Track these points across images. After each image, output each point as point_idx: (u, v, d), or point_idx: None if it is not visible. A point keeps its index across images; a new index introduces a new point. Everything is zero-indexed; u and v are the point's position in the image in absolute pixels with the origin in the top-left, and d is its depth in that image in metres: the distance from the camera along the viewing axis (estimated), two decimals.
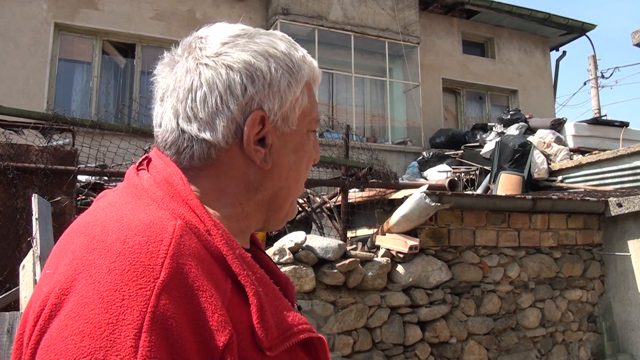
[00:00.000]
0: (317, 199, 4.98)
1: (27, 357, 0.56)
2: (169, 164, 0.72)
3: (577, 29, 11.15)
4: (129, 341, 0.52)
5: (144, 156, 0.78)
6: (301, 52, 0.78)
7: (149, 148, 4.15)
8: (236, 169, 0.73)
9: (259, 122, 0.72)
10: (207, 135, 0.70)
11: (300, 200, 5.07)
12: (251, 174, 0.74)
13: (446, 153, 8.17)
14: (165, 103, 0.72)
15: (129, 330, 0.52)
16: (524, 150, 6.71)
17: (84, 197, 4.08)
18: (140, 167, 0.74)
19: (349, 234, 4.39)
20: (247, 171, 0.73)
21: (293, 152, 0.77)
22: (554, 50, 11.90)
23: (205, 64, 0.70)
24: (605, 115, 12.48)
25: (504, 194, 5.63)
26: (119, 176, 3.71)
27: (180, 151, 0.71)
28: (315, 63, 0.81)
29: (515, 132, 7.84)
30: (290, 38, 0.79)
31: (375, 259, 3.60)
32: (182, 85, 0.71)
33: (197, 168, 0.72)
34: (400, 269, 3.63)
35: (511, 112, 8.62)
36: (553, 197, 4.55)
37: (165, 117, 0.72)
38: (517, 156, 6.64)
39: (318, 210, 4.94)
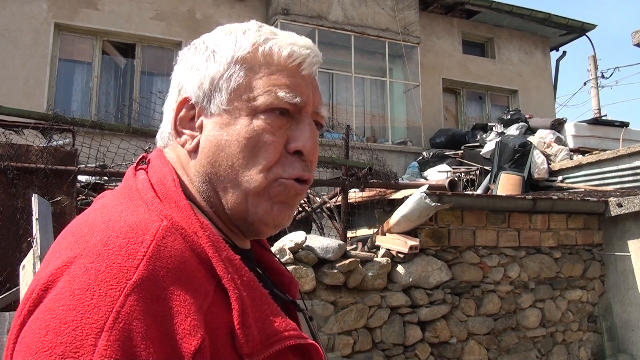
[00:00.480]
0: (317, 199, 4.98)
1: (9, 350, 0.57)
2: (165, 165, 0.73)
3: (577, 29, 11.15)
4: (89, 339, 0.52)
5: (141, 156, 0.79)
6: (247, 28, 0.75)
7: (149, 148, 4.15)
8: (183, 157, 0.75)
9: (183, 106, 0.74)
10: (165, 127, 0.78)
11: (301, 200, 5.07)
12: (187, 159, 0.75)
13: (446, 153, 8.17)
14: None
15: (91, 329, 0.52)
16: (524, 150, 6.71)
17: (84, 197, 4.08)
18: (140, 167, 0.75)
19: (349, 234, 4.39)
20: (187, 158, 0.75)
21: (221, 128, 0.71)
22: (554, 50, 11.90)
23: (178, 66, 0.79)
24: (606, 116, 12.49)
25: (504, 194, 5.63)
26: (119, 176, 3.71)
27: (164, 145, 0.78)
28: (273, 41, 0.74)
29: (516, 132, 7.84)
30: (250, 23, 0.77)
31: (375, 259, 3.60)
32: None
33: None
34: (400, 269, 3.63)
35: (511, 112, 8.62)
36: (553, 197, 4.55)
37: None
38: (517, 156, 6.64)
39: (318, 210, 4.94)
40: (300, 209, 5.05)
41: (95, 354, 0.51)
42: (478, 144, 8.41)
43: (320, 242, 3.39)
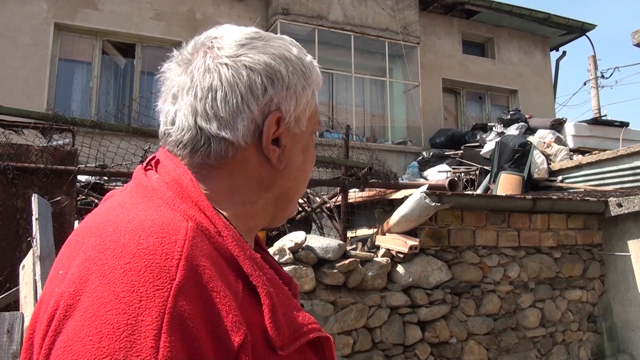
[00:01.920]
0: (317, 199, 4.98)
1: (41, 358, 0.56)
2: (179, 165, 0.72)
3: (577, 29, 11.15)
4: (149, 342, 0.52)
5: (151, 156, 0.78)
6: (309, 57, 0.82)
7: (149, 148, 4.15)
8: (251, 168, 0.74)
9: (276, 123, 0.74)
10: (227, 134, 0.70)
11: (300, 200, 5.07)
12: (265, 173, 0.75)
13: (446, 153, 8.17)
14: (180, 101, 0.72)
15: (148, 331, 0.53)
16: (524, 150, 6.71)
17: (84, 197, 4.08)
18: (148, 168, 0.75)
19: (349, 234, 4.39)
20: (261, 170, 0.75)
21: (301, 152, 0.80)
22: (554, 50, 11.90)
23: (225, 64, 0.71)
24: (605, 115, 12.49)
25: (504, 194, 5.63)
26: (119, 176, 3.71)
27: (196, 149, 0.71)
28: (318, 69, 0.84)
29: (515, 132, 7.84)
30: (298, 44, 0.83)
31: (375, 259, 3.60)
32: (201, 84, 0.71)
33: (212, 166, 0.72)
34: (400, 269, 3.63)
35: (511, 112, 8.62)
36: (553, 197, 4.55)
37: (180, 115, 0.72)
38: (517, 156, 6.64)
39: (318, 210, 4.94)
40: (300, 209, 5.05)
41: (159, 356, 0.52)
42: (478, 144, 8.41)
43: (320, 242, 3.39)
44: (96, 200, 4.11)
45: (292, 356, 0.65)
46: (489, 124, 9.14)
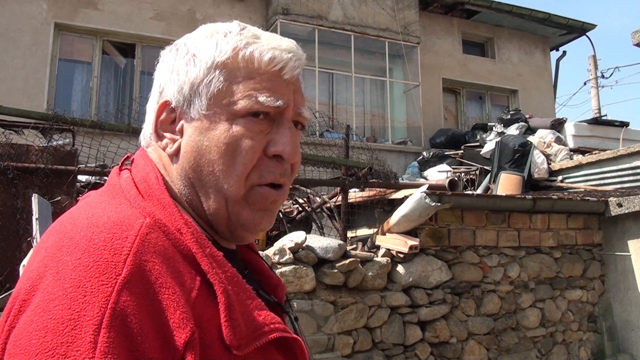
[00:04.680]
0: (317, 199, 4.98)
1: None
2: (148, 163, 0.74)
3: (577, 29, 11.15)
4: (89, 337, 0.52)
5: (125, 156, 0.80)
6: (226, 32, 0.75)
7: None
8: (165, 159, 0.76)
9: (163, 109, 0.75)
10: (148, 127, 0.78)
11: (300, 200, 5.07)
12: (169, 162, 0.75)
13: (446, 153, 8.17)
14: None
15: (89, 327, 0.53)
16: (524, 150, 6.71)
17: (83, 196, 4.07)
18: (124, 167, 0.76)
19: (349, 234, 4.39)
20: (169, 160, 0.75)
21: (203, 136, 0.71)
22: (554, 50, 11.90)
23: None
24: (605, 115, 12.48)
25: (504, 194, 5.62)
26: None
27: (147, 145, 0.78)
28: (254, 45, 0.73)
29: (516, 132, 7.84)
30: (230, 24, 0.77)
31: (375, 258, 3.60)
32: None
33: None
34: (400, 268, 3.63)
35: (511, 112, 8.62)
36: (553, 197, 4.55)
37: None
38: (517, 156, 6.64)
39: (318, 210, 4.94)
40: (300, 208, 5.05)
41: (96, 351, 0.52)
42: (478, 143, 8.41)
43: (320, 242, 3.39)
44: None
45: (252, 356, 0.63)
46: (489, 123, 9.14)
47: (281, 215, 4.88)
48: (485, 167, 7.27)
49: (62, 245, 0.60)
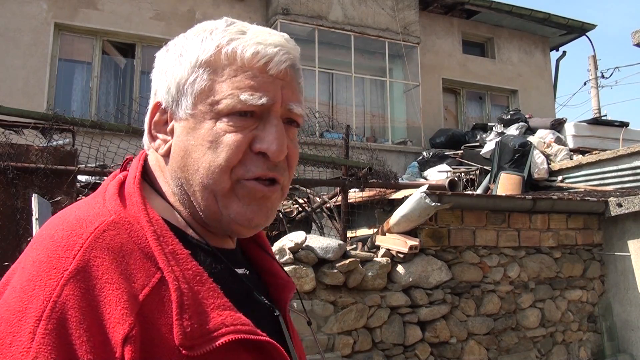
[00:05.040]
0: (317, 199, 4.98)
1: None
2: (138, 163, 0.76)
3: (577, 29, 11.15)
4: (29, 328, 0.55)
5: (127, 158, 0.82)
6: (212, 30, 0.74)
7: None
8: (160, 160, 0.77)
9: (156, 110, 0.75)
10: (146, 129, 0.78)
11: (300, 200, 5.07)
12: (163, 162, 0.76)
13: (446, 153, 8.17)
14: None
15: (31, 318, 0.56)
16: (524, 150, 6.71)
17: (84, 197, 4.07)
18: (127, 170, 0.78)
19: (349, 234, 4.39)
20: (162, 161, 0.76)
21: (190, 136, 0.71)
22: (554, 50, 11.90)
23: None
24: (605, 115, 12.49)
25: (504, 194, 5.62)
26: None
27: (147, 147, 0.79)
28: (236, 42, 0.72)
29: (515, 132, 7.84)
30: (219, 22, 0.76)
31: (375, 259, 3.60)
32: None
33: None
34: (400, 269, 3.63)
35: (511, 112, 8.62)
36: (553, 197, 4.55)
37: None
38: (517, 156, 6.64)
39: (318, 210, 4.94)
40: (300, 208, 5.05)
41: (33, 342, 0.54)
42: (478, 144, 8.41)
43: (320, 242, 3.39)
44: None
45: (211, 357, 0.62)
46: (489, 124, 9.14)
47: (281, 215, 4.88)
48: (485, 167, 7.27)
49: (34, 242, 0.64)
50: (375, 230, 4.02)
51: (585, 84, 13.97)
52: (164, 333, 0.60)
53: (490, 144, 7.61)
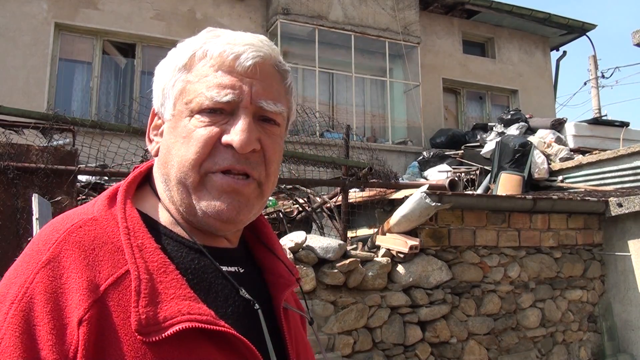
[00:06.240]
0: (318, 198, 4.98)
1: None
2: (142, 166, 0.83)
3: (577, 29, 11.15)
4: (5, 310, 0.63)
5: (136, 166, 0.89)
6: (199, 35, 0.79)
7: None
8: (156, 162, 0.82)
9: (153, 116, 0.82)
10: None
11: (301, 200, 5.07)
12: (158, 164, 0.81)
13: (446, 153, 8.17)
14: None
15: (7, 302, 0.64)
16: (524, 150, 6.71)
17: (84, 197, 4.08)
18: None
19: (349, 234, 4.39)
20: (158, 162, 0.81)
21: (171, 134, 0.77)
22: (554, 50, 11.89)
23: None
24: (606, 115, 12.49)
25: (504, 194, 5.62)
26: (119, 176, 3.71)
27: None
28: (212, 42, 0.76)
29: (516, 132, 7.84)
30: (211, 28, 0.80)
31: (375, 258, 3.60)
32: None
33: None
34: (400, 269, 3.63)
35: (511, 112, 8.61)
36: (553, 197, 4.55)
37: None
38: (517, 156, 6.64)
39: (318, 210, 4.94)
40: (300, 208, 5.05)
41: (5, 322, 0.62)
42: (478, 143, 8.41)
43: (321, 242, 3.39)
44: None
45: (167, 345, 0.65)
46: (489, 124, 9.14)
47: (281, 215, 4.88)
48: (486, 167, 7.27)
49: (31, 240, 0.73)
50: (376, 230, 4.02)
51: (585, 83, 13.98)
52: (124, 320, 0.65)
53: (490, 144, 7.61)
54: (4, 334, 0.61)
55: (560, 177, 6.77)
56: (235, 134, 0.73)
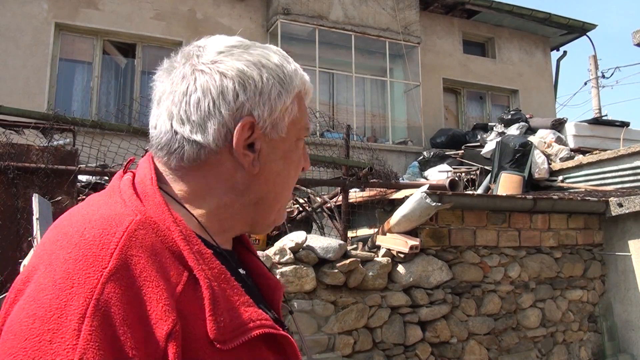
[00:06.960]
0: (318, 198, 4.98)
1: None
2: (149, 166, 0.77)
3: (577, 29, 11.14)
4: (73, 325, 0.55)
5: (129, 159, 0.84)
6: (294, 65, 0.82)
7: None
8: (224, 171, 0.76)
9: (249, 128, 0.75)
10: (198, 137, 0.73)
11: (301, 200, 5.07)
12: (239, 176, 0.77)
13: (447, 153, 8.17)
14: (162, 106, 0.76)
15: (74, 315, 0.56)
16: (525, 150, 6.71)
17: (84, 197, 4.08)
18: (129, 171, 0.79)
19: (350, 234, 4.39)
20: (235, 174, 0.77)
21: (281, 158, 0.80)
22: (555, 50, 11.89)
23: (201, 70, 0.74)
24: (606, 115, 12.48)
25: (504, 194, 5.62)
26: None
27: (172, 152, 0.75)
28: (307, 77, 0.84)
29: (516, 132, 7.84)
30: (284, 52, 0.83)
31: (375, 258, 3.60)
32: (178, 89, 0.75)
33: (186, 168, 0.76)
34: (400, 268, 3.63)
35: (512, 112, 8.61)
36: (553, 197, 4.55)
37: (160, 120, 0.76)
38: (517, 156, 6.64)
39: (318, 210, 4.94)
40: (300, 208, 5.05)
41: (80, 339, 0.55)
42: (478, 143, 8.41)
43: (321, 242, 3.39)
44: None
45: (238, 351, 0.65)
46: (489, 123, 9.14)
47: None
48: (486, 167, 7.27)
49: (57, 239, 0.64)
50: (376, 230, 4.02)
51: (585, 83, 13.97)
52: (198, 328, 0.63)
53: (490, 144, 7.61)
54: (83, 351, 0.54)
55: (560, 177, 6.77)
56: (306, 161, 0.87)
